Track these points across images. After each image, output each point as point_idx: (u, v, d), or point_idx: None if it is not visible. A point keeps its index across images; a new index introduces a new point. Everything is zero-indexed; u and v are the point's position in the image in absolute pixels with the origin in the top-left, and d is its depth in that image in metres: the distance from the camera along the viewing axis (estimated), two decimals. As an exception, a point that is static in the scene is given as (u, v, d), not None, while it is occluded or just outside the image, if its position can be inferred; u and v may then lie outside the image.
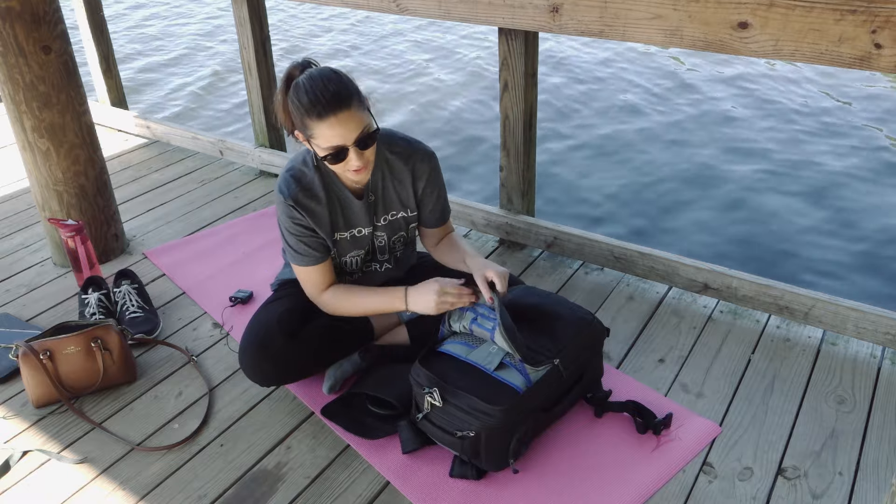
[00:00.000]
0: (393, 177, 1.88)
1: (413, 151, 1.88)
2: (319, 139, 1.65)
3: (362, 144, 1.66)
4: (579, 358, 1.84)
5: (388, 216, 1.91)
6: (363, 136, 1.65)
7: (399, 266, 2.06)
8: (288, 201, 1.78)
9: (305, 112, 1.63)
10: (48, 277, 2.64)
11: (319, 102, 1.60)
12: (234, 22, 3.08)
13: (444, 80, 5.97)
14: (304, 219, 1.80)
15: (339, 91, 1.62)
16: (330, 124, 1.61)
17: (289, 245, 1.85)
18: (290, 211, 1.79)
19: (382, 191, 1.88)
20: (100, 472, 1.81)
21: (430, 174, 1.90)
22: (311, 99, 1.61)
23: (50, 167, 2.49)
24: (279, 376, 1.93)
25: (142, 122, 3.74)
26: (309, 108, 1.62)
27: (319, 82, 1.62)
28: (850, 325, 2.10)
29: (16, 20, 2.27)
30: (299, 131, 1.71)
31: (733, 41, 1.89)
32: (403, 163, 1.87)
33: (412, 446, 1.78)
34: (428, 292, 1.76)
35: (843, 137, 4.66)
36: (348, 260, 1.93)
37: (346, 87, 1.64)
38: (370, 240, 1.93)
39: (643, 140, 4.71)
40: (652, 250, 2.41)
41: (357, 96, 1.65)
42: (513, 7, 2.22)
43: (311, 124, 1.63)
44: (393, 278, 2.07)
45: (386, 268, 2.03)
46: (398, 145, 1.87)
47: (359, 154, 1.66)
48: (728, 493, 1.68)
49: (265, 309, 1.97)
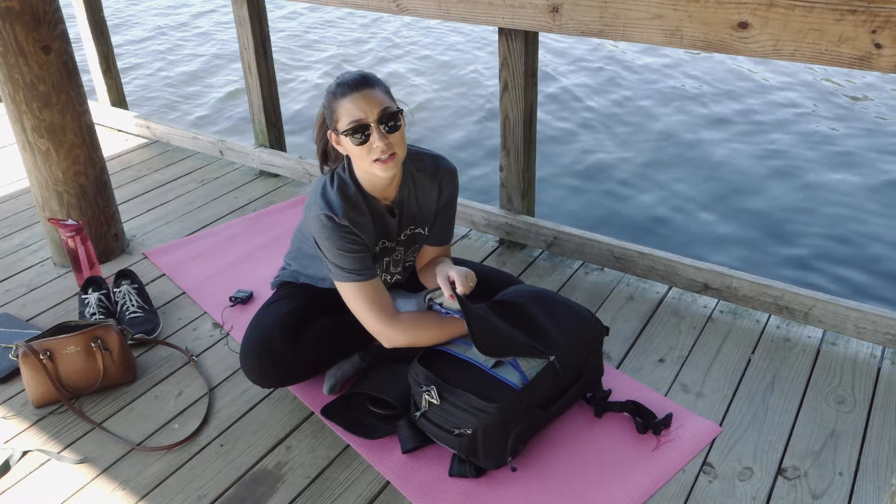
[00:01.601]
0: (418, 192, 1.88)
1: (440, 167, 1.89)
2: (343, 118, 1.66)
3: (385, 123, 1.66)
4: (577, 356, 1.84)
5: (408, 231, 1.92)
6: (384, 113, 1.66)
7: (405, 276, 2.07)
8: (342, 220, 1.71)
9: (333, 96, 1.69)
10: (48, 277, 2.64)
11: (346, 83, 1.68)
12: (234, 22, 3.09)
13: (444, 80, 5.98)
14: (355, 234, 1.74)
15: (365, 74, 1.71)
16: (353, 99, 1.66)
17: (338, 266, 1.74)
18: (342, 231, 1.71)
19: (407, 206, 1.88)
20: (100, 472, 1.81)
21: (453, 191, 1.93)
22: (339, 82, 1.70)
23: (50, 167, 2.50)
24: (281, 378, 1.93)
25: (142, 122, 3.74)
26: (335, 91, 1.69)
27: (350, 71, 1.73)
28: (850, 325, 2.10)
29: (16, 20, 2.27)
30: (331, 130, 1.72)
31: (733, 41, 1.89)
32: (430, 178, 1.88)
33: (411, 445, 1.78)
34: None
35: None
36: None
37: (375, 75, 1.72)
38: (391, 251, 1.93)
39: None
40: (652, 250, 2.41)
41: (384, 85, 1.72)
42: (513, 7, 2.22)
43: (337, 106, 1.67)
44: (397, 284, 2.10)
45: (396, 279, 2.04)
46: (424, 161, 1.88)
47: (381, 135, 1.65)
48: (728, 493, 1.68)
49: (266, 311, 1.97)
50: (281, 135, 3.35)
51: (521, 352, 1.74)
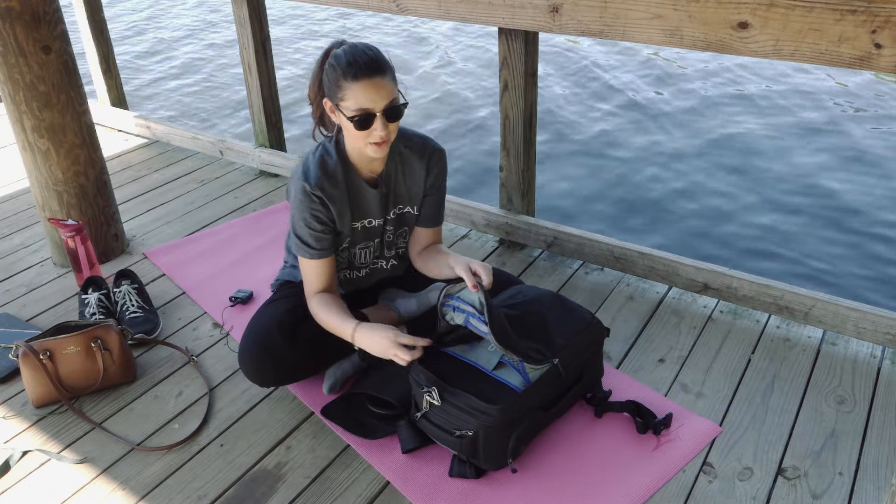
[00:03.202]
0: (406, 170, 1.91)
1: (427, 147, 1.92)
2: (350, 101, 1.68)
3: (389, 115, 1.70)
4: (579, 357, 1.84)
5: (397, 210, 1.94)
6: (392, 105, 1.69)
7: (401, 264, 2.08)
8: (314, 190, 1.78)
9: (342, 73, 1.67)
10: (48, 277, 2.64)
11: (357, 64, 1.66)
12: (234, 22, 3.09)
13: (444, 79, 5.98)
14: (324, 208, 1.80)
15: (377, 58, 1.70)
16: (363, 86, 1.66)
17: (297, 235, 1.83)
18: (310, 202, 1.79)
19: (395, 184, 1.91)
20: (100, 472, 1.81)
21: (441, 171, 1.95)
22: (350, 60, 1.67)
23: (50, 167, 2.50)
24: (279, 377, 1.93)
25: (142, 122, 3.74)
26: (346, 69, 1.67)
27: (360, 49, 1.71)
28: (850, 325, 2.10)
29: (16, 20, 2.27)
30: (328, 98, 1.74)
31: (733, 41, 1.89)
32: (418, 157, 1.91)
33: (411, 445, 1.78)
34: (381, 339, 1.70)
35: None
36: (358, 252, 1.96)
37: (384, 58, 1.72)
38: (381, 232, 1.95)
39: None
40: (652, 250, 2.41)
41: (392, 70, 1.72)
42: (513, 7, 2.22)
43: (345, 85, 1.67)
44: (395, 277, 2.10)
45: (392, 264, 2.05)
46: (412, 140, 1.91)
47: (384, 124, 1.69)
48: (728, 493, 1.68)
49: (265, 310, 1.97)
50: (281, 135, 3.35)
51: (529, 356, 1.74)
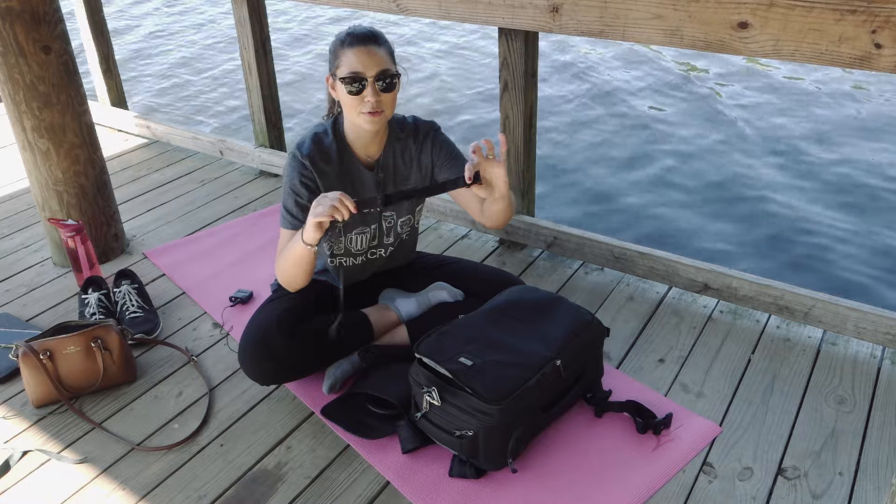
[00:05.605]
0: (404, 156, 1.95)
1: (418, 127, 1.97)
2: (343, 67, 1.74)
3: (381, 82, 1.74)
4: (579, 358, 1.84)
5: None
6: (383, 74, 1.74)
7: (402, 252, 2.09)
8: (304, 159, 1.83)
9: (339, 43, 1.77)
10: (48, 277, 2.64)
11: (354, 34, 1.77)
12: (234, 22, 3.08)
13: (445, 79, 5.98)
14: (313, 180, 1.83)
15: (374, 31, 1.78)
16: (357, 52, 1.73)
17: (284, 206, 1.86)
18: (301, 168, 1.83)
19: (393, 168, 1.94)
20: (100, 472, 1.81)
21: (436, 141, 1.97)
22: (348, 31, 1.78)
23: (50, 167, 2.50)
24: (279, 375, 1.94)
25: (142, 122, 3.74)
26: (343, 39, 1.77)
27: (360, 25, 1.81)
28: (850, 325, 2.10)
29: (16, 20, 2.27)
30: (329, 74, 1.81)
31: (733, 41, 1.89)
32: (413, 140, 1.95)
33: (411, 445, 1.78)
34: (314, 209, 1.65)
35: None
36: (353, 237, 1.95)
37: (382, 35, 1.80)
38: (378, 219, 1.96)
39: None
40: (652, 250, 2.41)
41: (389, 45, 1.79)
42: (513, 7, 2.22)
43: (341, 53, 1.76)
44: (394, 267, 2.11)
45: (390, 251, 2.05)
46: (405, 123, 1.97)
47: (375, 91, 1.74)
48: (728, 493, 1.68)
49: (264, 308, 1.98)
50: (281, 135, 3.35)
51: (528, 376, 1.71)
